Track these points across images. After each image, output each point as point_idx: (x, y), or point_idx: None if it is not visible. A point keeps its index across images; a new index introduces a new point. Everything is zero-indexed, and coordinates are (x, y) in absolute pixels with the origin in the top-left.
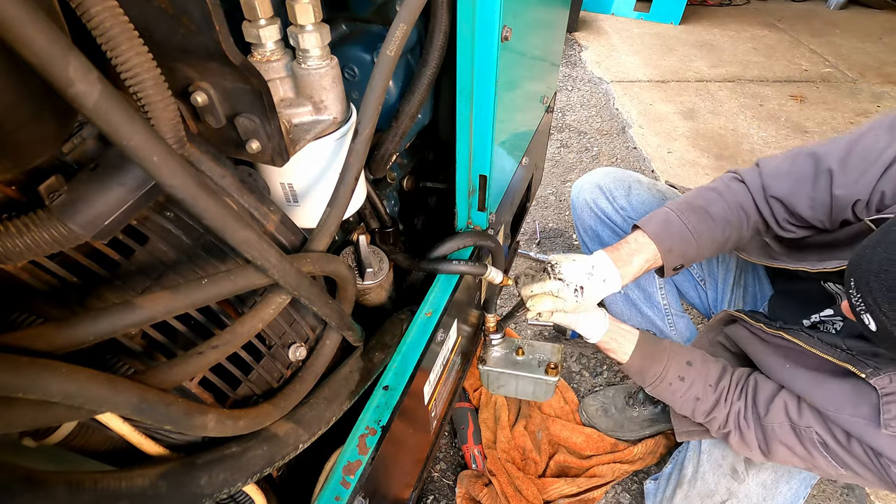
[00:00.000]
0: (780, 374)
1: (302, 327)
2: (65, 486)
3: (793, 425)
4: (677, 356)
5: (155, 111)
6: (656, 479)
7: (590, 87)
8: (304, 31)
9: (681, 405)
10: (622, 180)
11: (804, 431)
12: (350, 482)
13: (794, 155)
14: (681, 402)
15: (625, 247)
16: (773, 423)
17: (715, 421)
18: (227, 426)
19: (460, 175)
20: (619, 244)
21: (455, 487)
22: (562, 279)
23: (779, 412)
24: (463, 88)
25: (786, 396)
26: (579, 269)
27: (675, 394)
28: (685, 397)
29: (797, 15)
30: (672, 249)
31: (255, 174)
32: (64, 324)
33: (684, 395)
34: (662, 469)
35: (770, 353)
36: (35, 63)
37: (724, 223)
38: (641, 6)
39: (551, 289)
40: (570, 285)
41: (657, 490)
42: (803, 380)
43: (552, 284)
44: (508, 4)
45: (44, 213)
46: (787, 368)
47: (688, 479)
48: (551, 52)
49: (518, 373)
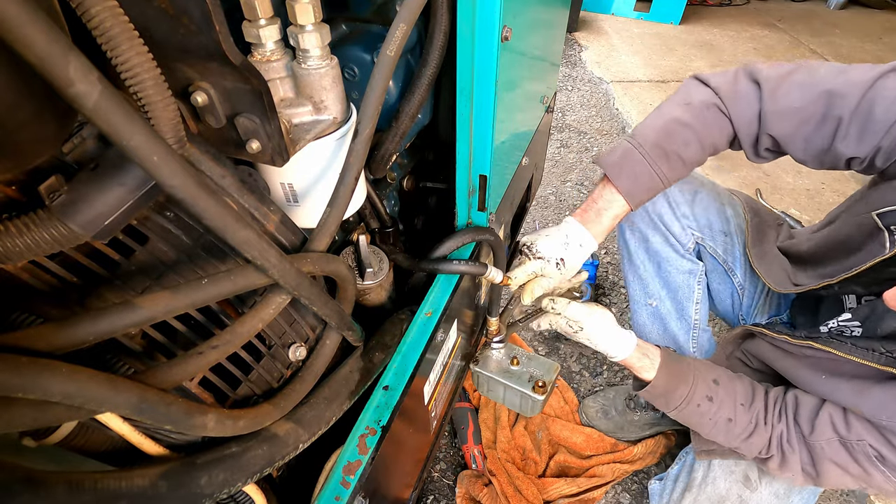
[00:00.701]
0: (818, 388)
1: (302, 327)
2: (65, 486)
3: (843, 441)
4: (703, 374)
5: (155, 111)
6: (661, 479)
7: (590, 87)
8: (304, 31)
9: (710, 429)
10: (688, 183)
11: (856, 446)
12: (350, 482)
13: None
14: (710, 426)
15: (593, 206)
16: (820, 442)
17: (753, 446)
18: (227, 426)
19: (460, 175)
20: (587, 204)
21: (455, 487)
22: (541, 257)
23: (825, 428)
24: (463, 88)
25: (831, 409)
26: (554, 242)
27: (703, 416)
28: (715, 419)
29: (797, 15)
30: (642, 201)
31: (255, 174)
32: (64, 324)
33: (714, 417)
34: (668, 470)
35: (802, 367)
36: (35, 63)
37: (692, 164)
38: (641, 6)
39: (534, 269)
40: (551, 260)
41: (663, 491)
42: (845, 390)
43: (533, 265)
44: (508, 4)
45: (44, 213)
46: (823, 380)
47: (697, 483)
48: (551, 52)
49: (506, 382)
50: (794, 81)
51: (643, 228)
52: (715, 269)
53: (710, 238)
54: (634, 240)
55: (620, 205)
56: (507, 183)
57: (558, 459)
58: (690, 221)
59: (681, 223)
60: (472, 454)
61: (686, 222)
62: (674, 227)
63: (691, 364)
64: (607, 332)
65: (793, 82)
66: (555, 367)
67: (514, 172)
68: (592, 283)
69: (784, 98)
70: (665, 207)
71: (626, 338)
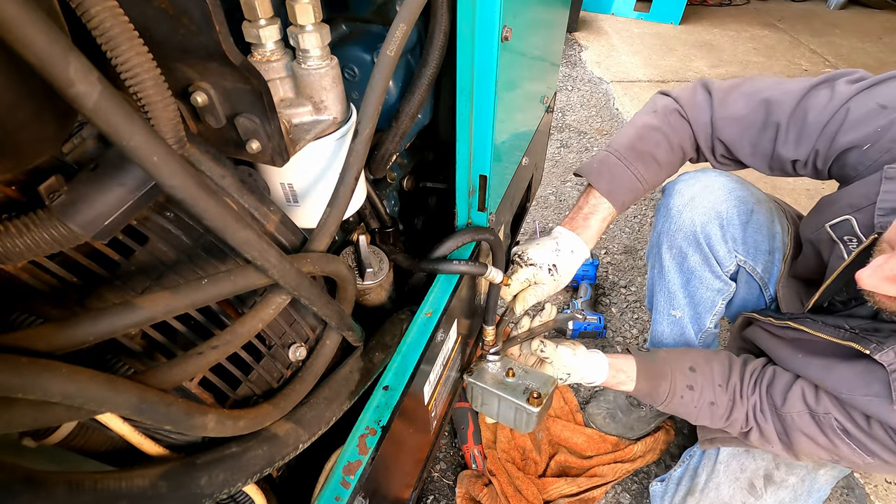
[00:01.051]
0: (794, 365)
1: (302, 327)
2: (65, 486)
3: (812, 413)
4: (678, 364)
5: (155, 111)
6: (663, 480)
7: (590, 87)
8: (304, 32)
9: (697, 415)
10: (744, 202)
11: (823, 419)
12: (350, 482)
13: (747, 94)
14: (696, 413)
15: (579, 213)
16: (791, 413)
17: (736, 422)
18: (227, 426)
19: (460, 175)
20: (574, 212)
21: (455, 487)
22: (533, 264)
23: (796, 401)
24: (463, 88)
25: (803, 384)
26: (546, 250)
27: (688, 405)
28: (699, 406)
29: (797, 15)
30: (625, 202)
31: (255, 174)
32: (64, 324)
33: (698, 403)
34: (670, 471)
35: (783, 346)
36: (35, 63)
37: (667, 166)
38: (641, 6)
39: (527, 276)
40: (543, 267)
41: (665, 493)
42: (815, 366)
43: (525, 272)
44: (508, 4)
45: (44, 214)
46: (799, 358)
47: (700, 487)
48: (551, 52)
49: (501, 394)
50: (739, 91)
51: (684, 247)
52: (749, 285)
53: (752, 259)
54: (670, 256)
55: (606, 207)
56: (507, 183)
57: (559, 459)
58: (739, 245)
59: (728, 246)
60: (472, 454)
61: (734, 245)
62: (719, 249)
63: (666, 358)
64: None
65: (739, 92)
66: (551, 381)
67: (514, 172)
68: (592, 282)
69: (731, 106)
70: (715, 228)
71: (599, 363)
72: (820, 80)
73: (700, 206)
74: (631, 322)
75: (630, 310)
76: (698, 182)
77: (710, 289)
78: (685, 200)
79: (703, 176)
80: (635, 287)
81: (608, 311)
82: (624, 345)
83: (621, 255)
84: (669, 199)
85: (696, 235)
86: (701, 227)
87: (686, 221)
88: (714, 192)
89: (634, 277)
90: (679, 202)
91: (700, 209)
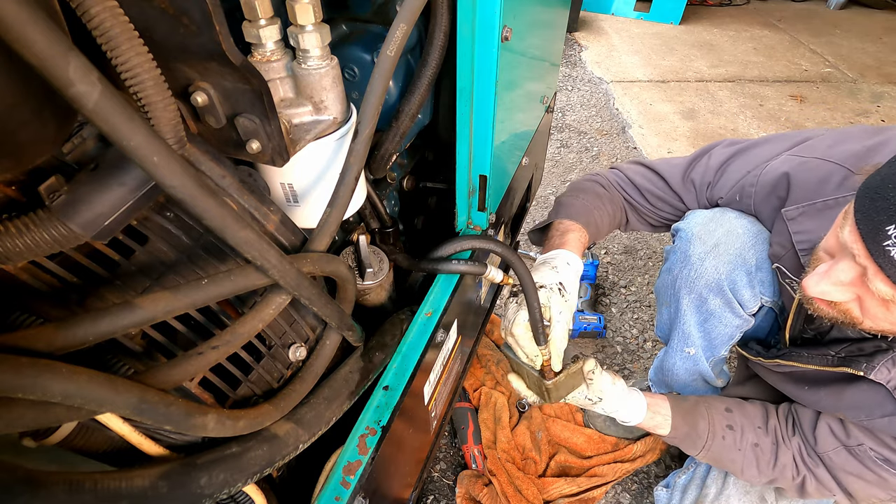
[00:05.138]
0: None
1: (302, 327)
2: (65, 486)
3: (847, 447)
4: (714, 405)
5: (155, 111)
6: (668, 486)
7: (590, 87)
8: (305, 32)
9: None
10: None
11: (859, 451)
12: (350, 482)
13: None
14: (742, 458)
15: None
16: (827, 452)
17: (785, 469)
18: (227, 426)
19: (460, 175)
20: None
21: (455, 487)
22: (543, 286)
23: (826, 437)
24: (463, 88)
25: (826, 418)
26: (546, 270)
27: (731, 449)
28: (743, 448)
29: (797, 15)
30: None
31: (255, 174)
32: (64, 324)
33: (741, 445)
34: (675, 476)
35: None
36: (35, 63)
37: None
38: (641, 6)
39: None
40: (553, 287)
41: (670, 501)
42: (824, 396)
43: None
44: (508, 4)
45: (44, 214)
46: (807, 391)
47: (709, 499)
48: (551, 52)
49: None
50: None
51: (704, 293)
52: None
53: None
54: (689, 301)
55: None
56: (507, 183)
57: (559, 459)
58: (766, 288)
59: (754, 291)
60: (472, 454)
61: (761, 289)
62: (744, 294)
63: (699, 400)
64: (618, 399)
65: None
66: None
67: (514, 172)
68: (593, 282)
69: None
70: (742, 275)
71: (637, 401)
72: (699, 153)
73: (725, 254)
74: (631, 322)
75: (630, 310)
76: (720, 227)
77: (728, 325)
78: (707, 248)
79: (723, 219)
80: (635, 287)
81: (608, 311)
82: (624, 345)
83: (621, 255)
84: (688, 245)
85: (719, 283)
86: (727, 276)
87: (709, 270)
88: (740, 239)
89: (634, 277)
90: (700, 250)
91: (725, 258)
